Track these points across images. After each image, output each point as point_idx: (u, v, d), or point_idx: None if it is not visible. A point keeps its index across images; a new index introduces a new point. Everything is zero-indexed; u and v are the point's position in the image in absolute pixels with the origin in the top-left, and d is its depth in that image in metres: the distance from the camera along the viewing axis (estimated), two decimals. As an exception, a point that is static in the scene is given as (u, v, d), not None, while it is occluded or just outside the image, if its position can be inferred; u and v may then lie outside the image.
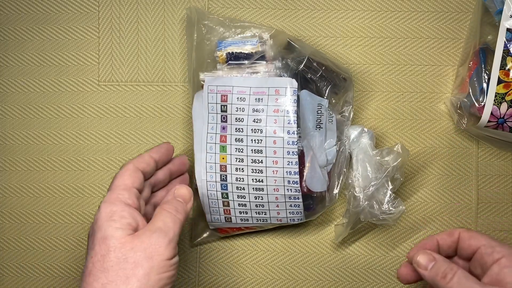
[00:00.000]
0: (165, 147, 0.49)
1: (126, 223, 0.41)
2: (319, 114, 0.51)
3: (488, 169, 0.56)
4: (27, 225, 0.57)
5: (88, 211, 0.57)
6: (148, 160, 0.47)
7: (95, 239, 0.41)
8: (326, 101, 0.51)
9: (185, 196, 0.46)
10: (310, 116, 0.51)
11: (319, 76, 0.51)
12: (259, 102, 0.50)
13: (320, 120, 0.51)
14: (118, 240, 0.40)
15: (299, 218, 0.52)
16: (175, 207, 0.44)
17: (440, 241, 0.46)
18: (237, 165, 0.50)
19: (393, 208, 0.50)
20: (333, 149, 0.52)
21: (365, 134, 0.52)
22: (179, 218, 0.44)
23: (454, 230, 0.46)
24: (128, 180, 0.44)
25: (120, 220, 0.41)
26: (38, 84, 0.57)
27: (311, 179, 0.51)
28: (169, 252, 0.41)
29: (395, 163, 0.50)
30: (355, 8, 0.56)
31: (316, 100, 0.51)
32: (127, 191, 0.43)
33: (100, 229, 0.41)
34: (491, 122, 0.50)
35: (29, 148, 0.57)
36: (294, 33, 0.56)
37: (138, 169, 0.45)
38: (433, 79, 0.56)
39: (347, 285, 0.56)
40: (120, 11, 0.57)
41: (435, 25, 0.56)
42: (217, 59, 0.52)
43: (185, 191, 0.46)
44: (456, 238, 0.45)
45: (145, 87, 0.57)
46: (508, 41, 0.49)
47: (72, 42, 0.57)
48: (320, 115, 0.51)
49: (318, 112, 0.51)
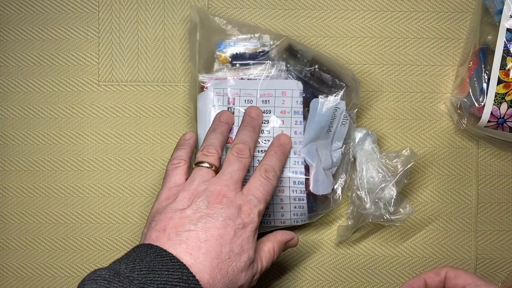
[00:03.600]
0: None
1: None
2: (332, 118, 0.51)
3: (488, 169, 0.56)
4: (27, 225, 0.57)
5: (88, 211, 0.57)
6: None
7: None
8: (343, 103, 0.51)
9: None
10: (320, 121, 0.51)
11: (331, 78, 0.51)
12: (266, 103, 0.50)
13: (331, 123, 0.51)
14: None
15: (303, 220, 0.52)
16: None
17: (428, 280, 0.46)
18: None
19: (401, 209, 0.51)
20: (338, 151, 0.52)
21: (369, 137, 0.53)
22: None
23: (441, 269, 0.45)
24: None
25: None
26: (38, 84, 0.57)
27: (316, 182, 0.51)
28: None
29: (407, 167, 0.51)
30: (355, 8, 0.56)
31: (332, 104, 0.51)
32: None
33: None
34: (491, 122, 0.50)
35: (29, 148, 0.57)
36: (294, 33, 0.56)
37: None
38: (433, 79, 0.56)
39: (347, 285, 0.56)
40: (120, 11, 0.57)
41: (435, 25, 0.56)
42: (216, 60, 0.52)
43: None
44: (443, 277, 0.45)
45: (145, 87, 0.57)
46: (508, 41, 0.49)
47: (72, 42, 0.57)
48: (333, 118, 0.51)
49: (332, 116, 0.51)
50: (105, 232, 0.57)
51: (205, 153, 0.47)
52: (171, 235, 0.42)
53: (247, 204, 0.44)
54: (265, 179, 0.46)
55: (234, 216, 0.43)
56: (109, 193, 0.57)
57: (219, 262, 0.41)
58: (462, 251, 0.56)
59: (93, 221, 0.57)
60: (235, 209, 0.43)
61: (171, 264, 0.39)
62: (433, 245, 0.56)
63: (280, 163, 0.48)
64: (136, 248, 0.42)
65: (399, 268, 0.56)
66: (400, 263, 0.56)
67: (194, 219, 0.42)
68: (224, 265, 0.41)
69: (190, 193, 0.44)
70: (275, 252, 0.47)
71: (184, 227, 0.42)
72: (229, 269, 0.42)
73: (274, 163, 0.47)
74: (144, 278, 0.38)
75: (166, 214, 0.43)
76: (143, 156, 0.57)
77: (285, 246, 0.49)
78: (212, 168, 0.46)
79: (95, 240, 0.57)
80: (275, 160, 0.48)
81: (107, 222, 0.57)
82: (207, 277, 0.40)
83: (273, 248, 0.47)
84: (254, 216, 0.44)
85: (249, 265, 0.43)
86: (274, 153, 0.48)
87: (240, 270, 0.42)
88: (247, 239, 0.43)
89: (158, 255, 0.40)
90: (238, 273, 0.42)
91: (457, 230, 0.56)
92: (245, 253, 0.43)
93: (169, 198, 0.45)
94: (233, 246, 0.42)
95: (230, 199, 0.44)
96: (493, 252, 0.56)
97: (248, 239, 0.43)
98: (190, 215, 0.43)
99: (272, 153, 0.48)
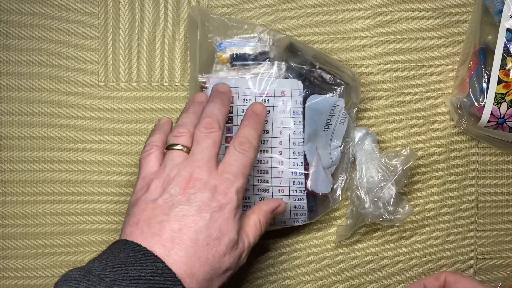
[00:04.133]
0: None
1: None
2: (330, 115, 0.51)
3: (488, 169, 0.56)
4: (27, 225, 0.57)
5: (88, 211, 0.57)
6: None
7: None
8: (342, 101, 0.51)
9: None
10: (318, 118, 0.51)
11: (331, 76, 0.51)
12: (265, 103, 0.50)
13: (330, 121, 0.51)
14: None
15: (303, 220, 0.52)
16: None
17: (427, 285, 0.46)
18: None
19: (400, 209, 0.51)
20: (337, 150, 0.52)
21: (369, 136, 0.53)
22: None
23: (440, 274, 0.45)
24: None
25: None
26: (38, 84, 0.57)
27: (316, 181, 0.51)
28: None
29: (406, 167, 0.51)
30: (355, 8, 0.56)
31: (330, 101, 0.51)
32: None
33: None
34: (491, 122, 0.50)
35: (29, 148, 0.57)
36: (294, 33, 0.56)
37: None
38: (433, 79, 0.56)
39: (347, 285, 0.56)
40: (120, 11, 0.57)
41: (435, 25, 0.56)
42: (217, 59, 0.52)
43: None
44: (442, 282, 0.45)
45: (145, 87, 0.57)
46: (508, 41, 0.49)
47: (72, 42, 0.57)
48: (332, 116, 0.51)
49: (330, 113, 0.51)
50: (105, 232, 0.57)
51: (175, 135, 0.44)
52: (144, 228, 0.40)
53: (223, 183, 0.42)
54: (240, 153, 0.44)
55: (208, 199, 0.41)
56: (109, 193, 0.57)
57: (196, 250, 0.39)
58: (462, 251, 0.56)
59: (93, 221, 0.57)
60: (210, 191, 0.41)
61: (144, 259, 0.38)
62: (433, 245, 0.56)
63: (256, 133, 0.45)
64: (112, 245, 0.41)
65: (399, 268, 0.56)
66: (400, 263, 0.56)
67: (166, 208, 0.41)
68: (203, 252, 0.40)
69: (162, 180, 0.42)
70: (261, 224, 0.45)
71: (156, 218, 0.40)
72: (209, 255, 0.40)
73: (248, 134, 0.45)
74: (116, 275, 0.37)
75: (139, 206, 0.42)
76: (143, 156, 0.57)
77: (272, 215, 0.47)
78: (184, 149, 0.44)
79: (95, 240, 0.57)
80: (250, 130, 0.45)
81: (107, 222, 0.57)
82: (183, 267, 0.39)
83: (259, 221, 0.45)
84: (231, 195, 0.42)
85: (232, 247, 0.41)
86: (248, 123, 0.46)
87: (222, 255, 0.41)
88: (225, 220, 0.41)
89: (131, 251, 0.39)
90: (220, 258, 0.41)
91: (457, 230, 0.56)
92: (225, 236, 0.41)
93: (143, 188, 0.43)
94: (210, 232, 0.40)
95: (203, 181, 0.42)
96: (493, 252, 0.56)
97: (227, 221, 0.41)
98: (162, 204, 0.41)
99: (246, 123, 0.46)
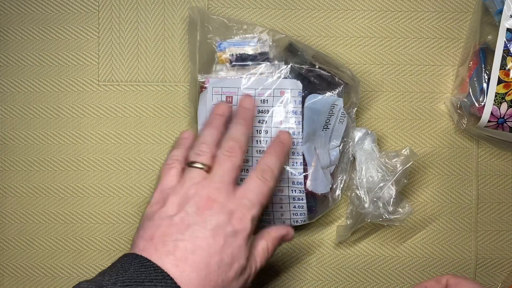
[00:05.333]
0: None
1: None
2: (329, 115, 0.51)
3: (488, 169, 0.56)
4: (27, 225, 0.57)
5: (88, 211, 0.57)
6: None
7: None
8: (341, 100, 0.51)
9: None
10: (317, 117, 0.51)
11: (330, 76, 0.51)
12: (264, 103, 0.50)
13: (329, 120, 0.51)
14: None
15: (303, 220, 0.52)
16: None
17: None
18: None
19: (400, 209, 0.51)
20: (336, 150, 0.52)
21: (368, 136, 0.52)
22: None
23: (442, 277, 0.45)
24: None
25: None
26: (38, 84, 0.57)
27: (315, 181, 0.50)
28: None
29: (405, 167, 0.51)
30: (355, 8, 0.56)
31: (329, 100, 0.51)
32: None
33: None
34: (491, 122, 0.50)
35: (29, 148, 0.57)
36: (294, 33, 0.56)
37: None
38: (433, 79, 0.56)
39: (347, 285, 0.56)
40: (120, 11, 0.57)
41: (435, 25, 0.56)
42: (216, 60, 0.52)
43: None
44: (444, 285, 0.45)
45: (145, 87, 0.57)
46: (508, 41, 0.49)
47: (72, 42, 0.57)
48: (331, 115, 0.51)
49: (329, 112, 0.51)
50: (105, 232, 0.57)
51: (197, 152, 0.44)
52: (158, 245, 0.40)
53: (240, 209, 0.42)
54: (261, 181, 0.43)
55: (224, 223, 0.41)
56: (109, 193, 0.57)
57: (207, 273, 0.39)
58: (462, 251, 0.56)
59: (93, 221, 0.57)
60: (226, 216, 0.41)
61: (154, 275, 0.38)
62: (433, 245, 0.56)
63: (279, 162, 0.45)
64: (122, 258, 0.40)
65: (399, 268, 0.56)
66: (400, 263, 0.56)
67: (182, 227, 0.40)
68: (213, 276, 0.39)
69: (179, 197, 0.42)
70: (269, 250, 0.45)
71: (171, 237, 0.40)
72: (219, 279, 0.40)
73: (272, 163, 0.45)
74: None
75: (154, 221, 0.41)
76: (143, 156, 0.57)
77: (281, 242, 0.46)
78: (205, 168, 0.43)
79: (95, 240, 0.57)
80: (274, 159, 0.45)
81: (107, 222, 0.57)
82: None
83: (267, 247, 0.45)
84: (246, 223, 0.41)
85: (241, 273, 0.41)
86: (274, 151, 0.46)
87: (231, 280, 0.40)
88: (238, 247, 0.41)
89: (142, 266, 0.39)
90: (229, 282, 0.40)
91: (457, 230, 0.56)
92: (235, 263, 0.41)
93: (159, 202, 0.43)
94: (223, 256, 0.40)
95: (221, 204, 0.41)
96: (493, 252, 0.56)
97: (240, 248, 0.41)
98: (178, 223, 0.41)
99: (271, 151, 0.46)
